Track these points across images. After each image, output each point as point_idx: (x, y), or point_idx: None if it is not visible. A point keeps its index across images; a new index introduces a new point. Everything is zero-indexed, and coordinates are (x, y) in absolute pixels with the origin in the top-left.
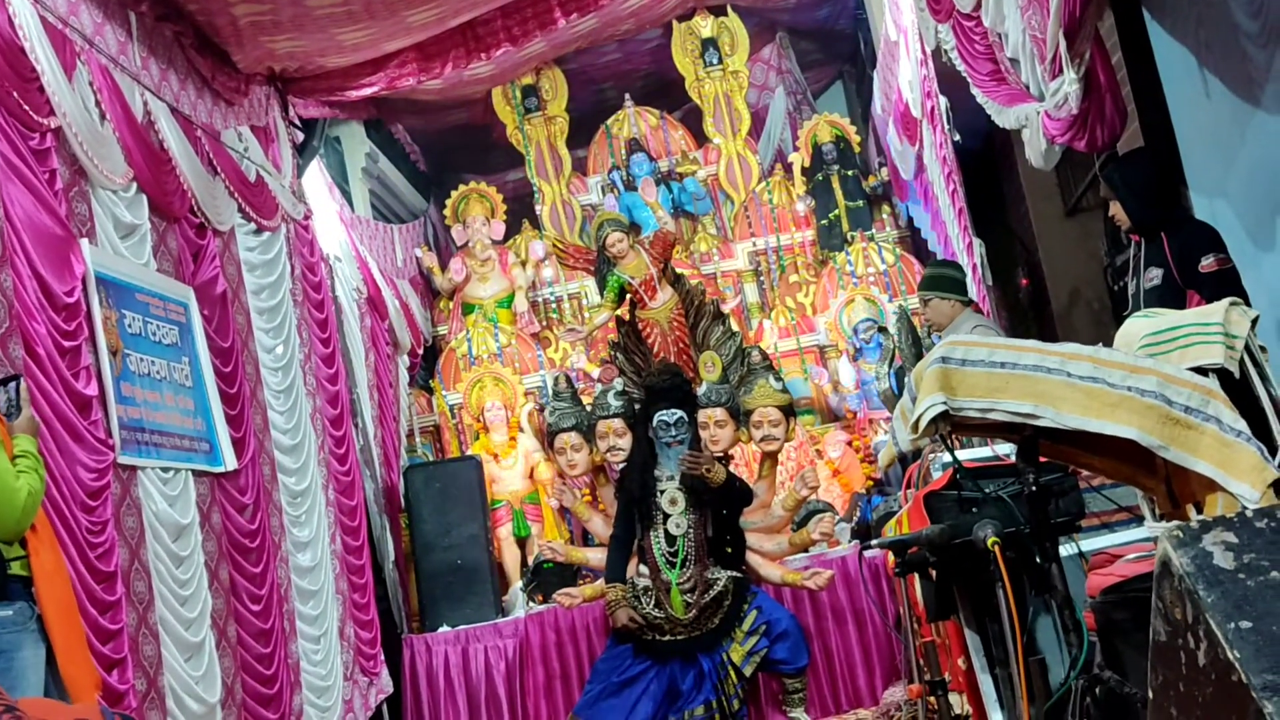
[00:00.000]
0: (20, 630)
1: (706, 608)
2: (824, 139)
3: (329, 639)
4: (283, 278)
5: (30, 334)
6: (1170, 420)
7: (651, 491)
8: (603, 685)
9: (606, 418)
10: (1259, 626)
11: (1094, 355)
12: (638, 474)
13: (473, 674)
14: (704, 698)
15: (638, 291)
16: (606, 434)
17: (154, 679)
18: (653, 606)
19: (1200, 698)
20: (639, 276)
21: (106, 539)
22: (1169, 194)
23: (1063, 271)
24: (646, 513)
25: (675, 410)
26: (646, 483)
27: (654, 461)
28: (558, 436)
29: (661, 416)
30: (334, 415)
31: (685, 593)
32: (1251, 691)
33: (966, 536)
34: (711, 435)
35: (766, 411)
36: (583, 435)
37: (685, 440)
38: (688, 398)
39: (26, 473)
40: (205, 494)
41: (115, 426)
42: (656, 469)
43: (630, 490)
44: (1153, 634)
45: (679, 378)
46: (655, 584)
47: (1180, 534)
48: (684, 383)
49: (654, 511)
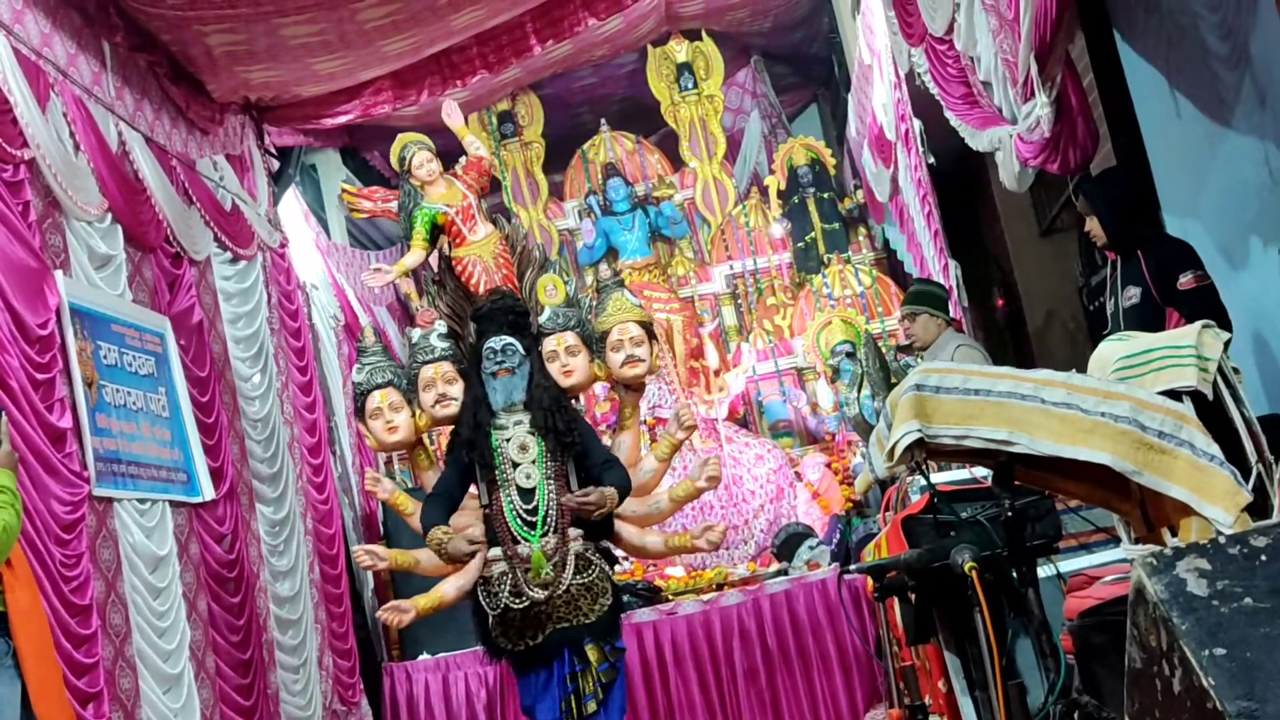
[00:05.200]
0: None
1: (578, 593)
2: (799, 162)
3: (308, 669)
4: (259, 306)
5: (3, 366)
6: (1144, 445)
7: (490, 435)
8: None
9: (431, 362)
10: (1233, 653)
11: (1067, 381)
12: (469, 414)
13: (453, 702)
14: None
15: (454, 223)
16: (434, 381)
17: (131, 712)
18: (509, 594)
19: None
20: (454, 205)
21: (81, 572)
22: (1145, 211)
23: (1038, 292)
24: (488, 465)
25: (503, 336)
26: (481, 423)
27: (485, 398)
28: (370, 396)
29: (488, 344)
30: (312, 444)
31: (554, 562)
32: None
33: (944, 560)
34: (563, 365)
35: (626, 328)
36: (401, 393)
37: (515, 370)
38: (519, 323)
39: (3, 508)
40: (183, 524)
41: (90, 458)
42: (490, 407)
43: (462, 434)
44: (1128, 660)
45: (509, 299)
46: (510, 562)
47: (1154, 561)
48: (515, 304)
49: (499, 462)
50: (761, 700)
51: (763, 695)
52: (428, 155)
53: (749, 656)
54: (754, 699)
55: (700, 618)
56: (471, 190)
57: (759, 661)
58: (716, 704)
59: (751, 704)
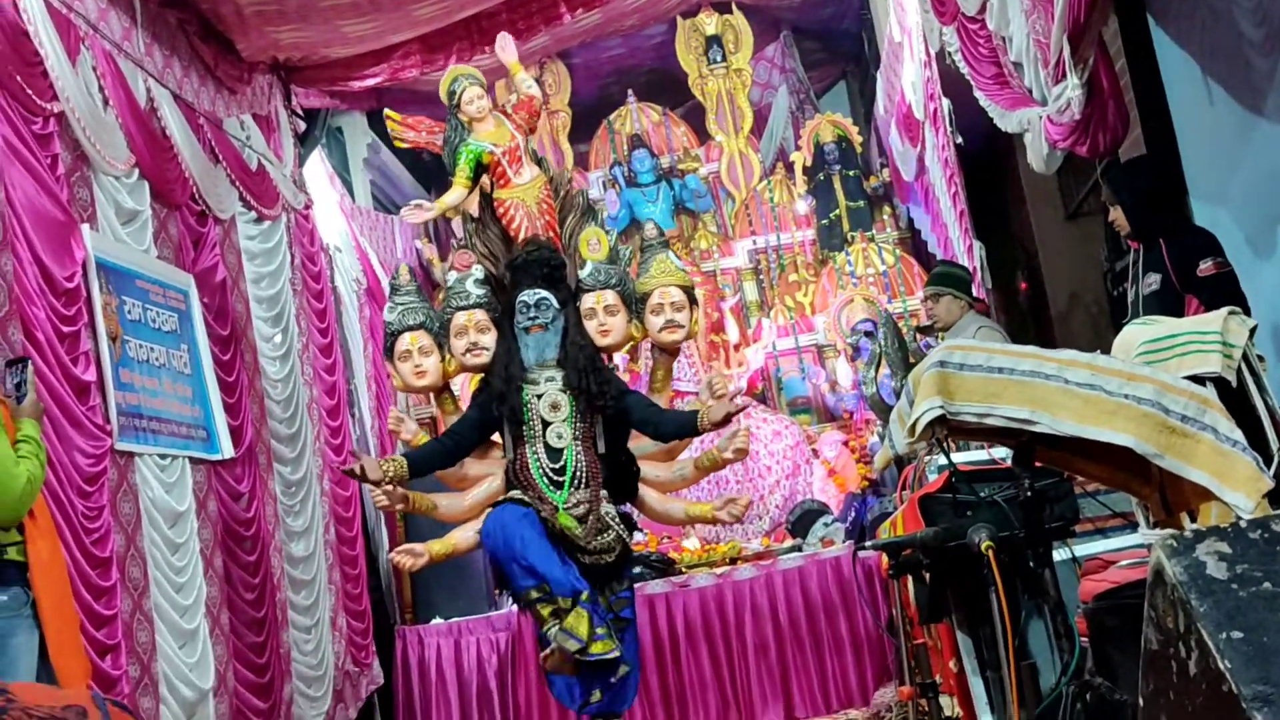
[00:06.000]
0: (14, 616)
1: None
2: (826, 139)
3: (321, 629)
4: (282, 267)
5: (30, 318)
6: (1166, 429)
7: (521, 390)
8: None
9: (466, 308)
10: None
11: (1091, 362)
12: (501, 367)
13: (465, 666)
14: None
15: (499, 164)
16: (466, 328)
17: (147, 665)
18: None
19: (1190, 707)
20: (501, 145)
21: (102, 525)
22: (1169, 201)
23: (1062, 276)
24: (517, 420)
25: (537, 290)
26: (512, 376)
27: (517, 352)
28: (400, 338)
29: (522, 298)
30: (331, 405)
31: (579, 520)
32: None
33: (961, 540)
34: (601, 324)
35: (668, 291)
36: (432, 337)
37: (548, 326)
38: (555, 276)
39: (27, 458)
40: (202, 481)
41: (113, 412)
42: (523, 363)
43: (493, 387)
44: (1144, 642)
45: (546, 250)
46: (538, 505)
47: (1174, 543)
48: (551, 257)
49: (529, 418)
50: (771, 675)
51: (773, 670)
52: (479, 91)
53: (760, 631)
54: (764, 674)
55: (713, 591)
56: (520, 131)
57: (770, 637)
58: (726, 677)
59: (761, 678)
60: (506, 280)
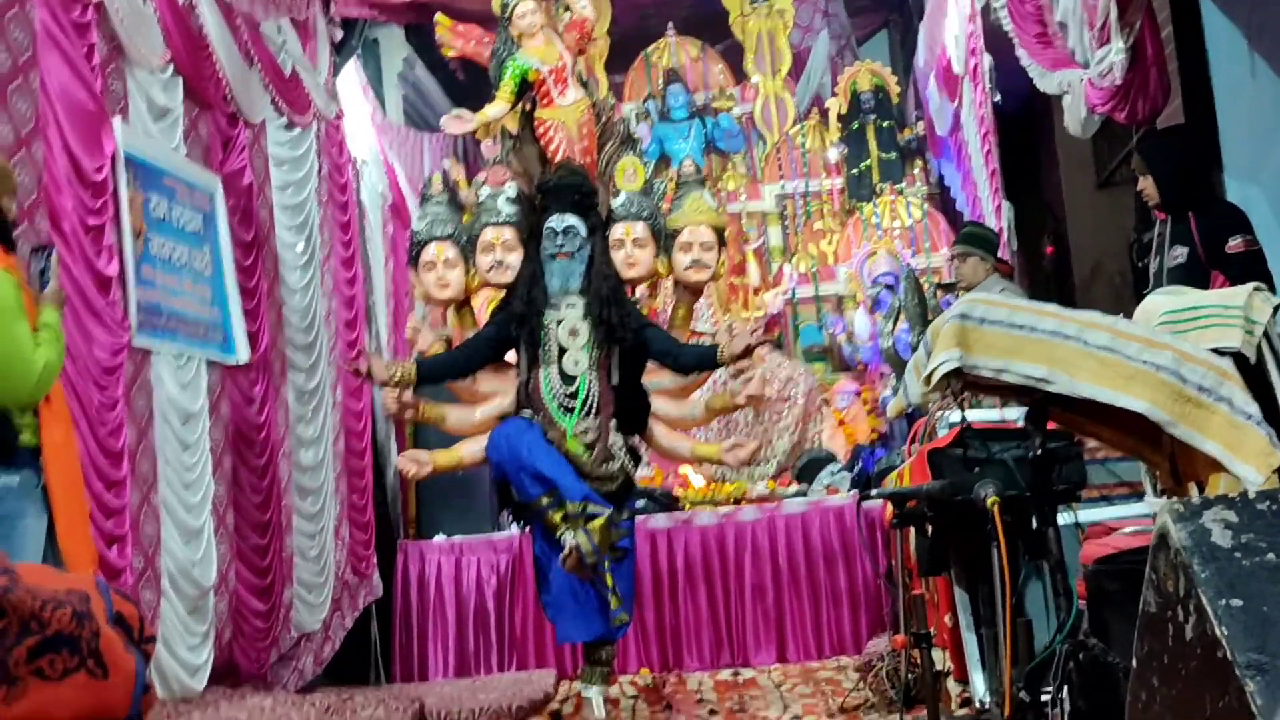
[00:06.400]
0: (25, 498)
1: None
2: (863, 87)
3: (324, 537)
4: (310, 176)
5: (57, 208)
6: (1182, 398)
7: (542, 314)
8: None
9: (496, 225)
10: (1249, 606)
11: (1113, 326)
12: (524, 288)
13: (464, 585)
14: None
15: (544, 82)
16: (493, 245)
17: (151, 558)
18: None
19: (1184, 670)
20: (549, 63)
21: (116, 417)
22: (1202, 175)
23: (1089, 243)
24: (534, 342)
25: (566, 217)
26: (535, 300)
27: (541, 276)
28: (426, 247)
29: (550, 223)
30: (348, 318)
31: (586, 447)
32: (1235, 669)
33: (967, 495)
34: (628, 256)
35: (699, 231)
36: (459, 249)
37: (574, 254)
38: (585, 204)
39: (46, 344)
40: (216, 383)
41: (133, 308)
42: (546, 288)
43: (514, 309)
44: (1143, 604)
45: (578, 176)
46: (547, 427)
47: (1181, 509)
48: (583, 183)
49: (546, 341)
50: (766, 617)
51: (768, 613)
52: (532, 5)
53: (759, 573)
54: (759, 615)
55: (715, 530)
56: (570, 52)
57: (768, 580)
58: (722, 616)
59: (756, 620)
60: (537, 201)
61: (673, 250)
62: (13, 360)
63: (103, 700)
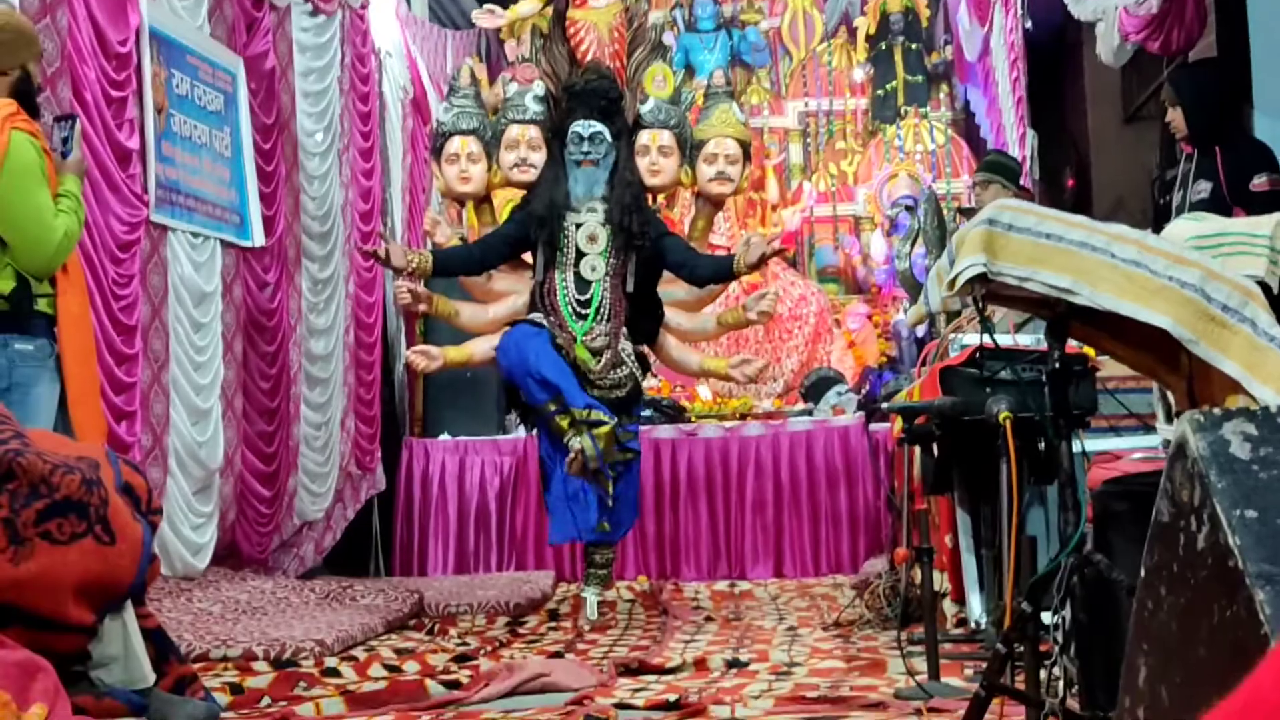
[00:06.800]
0: (39, 366)
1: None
2: (893, 7)
3: (331, 427)
4: (332, 64)
5: (80, 78)
6: (1206, 316)
7: (562, 218)
8: None
9: (521, 122)
10: (1264, 518)
11: (1141, 240)
12: (546, 191)
13: (467, 484)
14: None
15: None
16: (518, 143)
17: (160, 437)
18: None
19: (1193, 579)
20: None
21: (131, 293)
22: (1231, 109)
23: (1111, 178)
24: (552, 243)
25: (592, 123)
26: (556, 203)
27: (564, 181)
28: (450, 140)
29: (575, 128)
30: (365, 210)
31: (595, 353)
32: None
33: (978, 414)
34: (652, 163)
35: (724, 143)
36: (482, 144)
37: (600, 162)
38: (612, 109)
39: (66, 213)
40: (230, 265)
41: (152, 183)
42: (568, 193)
43: (534, 210)
44: (1155, 514)
45: (606, 81)
46: (558, 332)
47: (1201, 418)
48: (611, 88)
49: (564, 245)
50: (765, 533)
51: (767, 529)
52: None
53: (760, 489)
54: (759, 531)
55: (719, 443)
56: None
57: (769, 496)
58: (721, 529)
59: (755, 535)
60: (563, 103)
61: (697, 161)
62: (33, 226)
63: (109, 566)
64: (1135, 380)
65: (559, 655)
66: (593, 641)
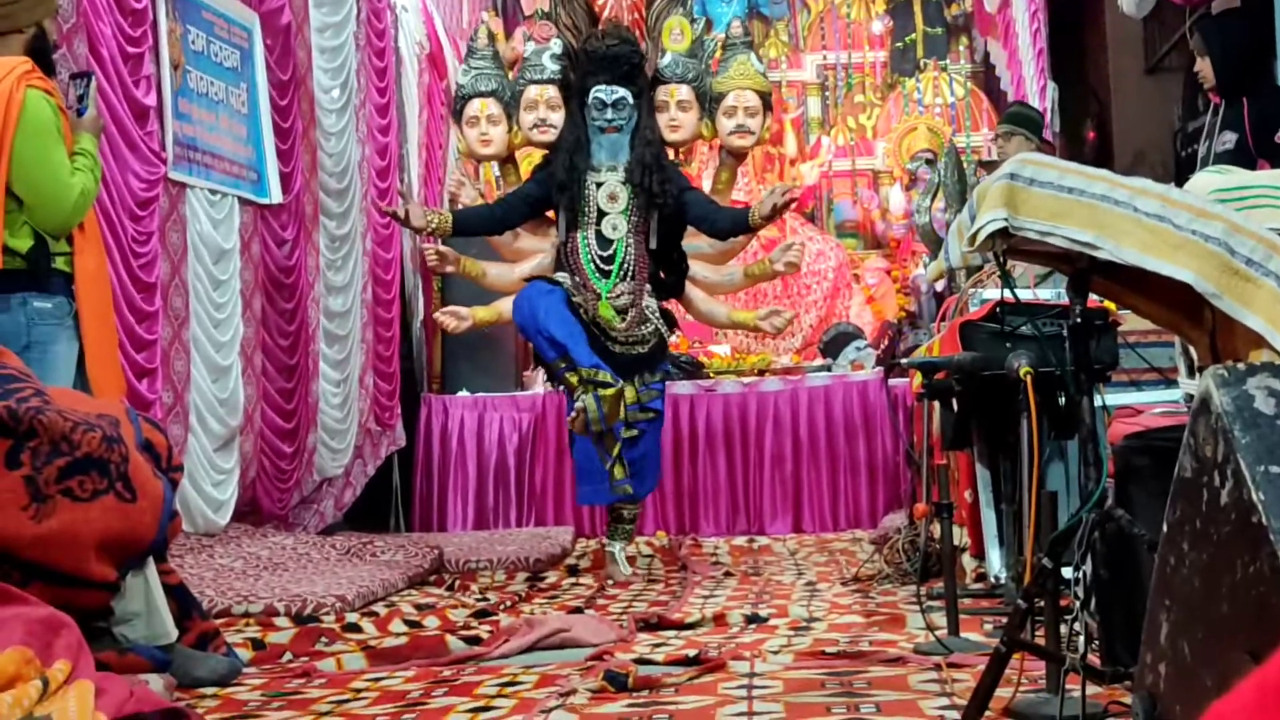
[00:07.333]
0: (57, 324)
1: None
2: None
3: (350, 384)
4: (348, 19)
5: (96, 34)
6: (1229, 270)
7: (583, 180)
8: None
9: (540, 82)
10: None
11: (1164, 194)
12: (567, 154)
13: (486, 441)
14: None
15: None
16: (536, 103)
17: (180, 394)
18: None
19: (1216, 535)
20: None
21: (150, 250)
22: (1260, 59)
23: (1132, 131)
24: (574, 205)
25: (615, 88)
26: (577, 166)
27: (586, 144)
28: (470, 103)
29: (598, 93)
30: (381, 167)
31: (620, 311)
32: (1269, 534)
33: (998, 369)
34: (671, 119)
35: (744, 95)
36: (502, 105)
37: (624, 127)
38: (634, 74)
39: (82, 171)
40: (248, 222)
41: (169, 140)
42: (590, 156)
43: (555, 173)
44: (1178, 469)
45: (628, 45)
46: (580, 291)
47: (1225, 374)
48: (634, 53)
49: (586, 205)
50: (784, 488)
51: (786, 484)
52: None
53: (779, 444)
54: (777, 486)
55: (738, 399)
56: None
57: (788, 451)
58: (740, 485)
59: (774, 490)
60: (582, 62)
61: (717, 115)
62: (49, 184)
63: (130, 523)
64: (1157, 335)
65: (579, 610)
66: (612, 597)
